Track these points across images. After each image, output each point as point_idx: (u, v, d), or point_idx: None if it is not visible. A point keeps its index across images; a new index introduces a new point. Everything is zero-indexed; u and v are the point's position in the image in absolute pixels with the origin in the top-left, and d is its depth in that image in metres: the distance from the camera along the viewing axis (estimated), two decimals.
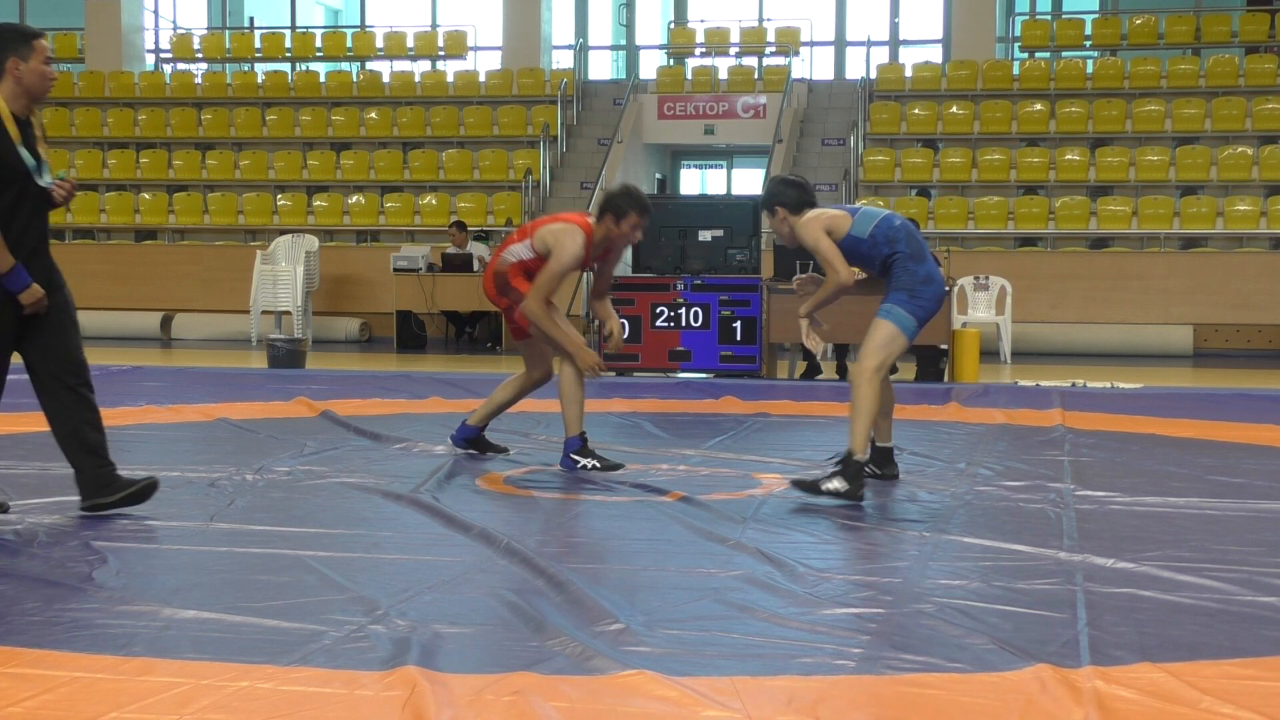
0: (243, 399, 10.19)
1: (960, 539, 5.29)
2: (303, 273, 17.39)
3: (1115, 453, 7.79)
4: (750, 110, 21.21)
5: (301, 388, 11.00)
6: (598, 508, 6.01)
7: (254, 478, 6.58)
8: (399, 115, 21.61)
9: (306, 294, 17.47)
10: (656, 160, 22.92)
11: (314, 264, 17.64)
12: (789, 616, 4.10)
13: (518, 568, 4.67)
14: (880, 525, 5.58)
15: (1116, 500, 6.19)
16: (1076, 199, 18.36)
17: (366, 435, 8.18)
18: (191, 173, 21.27)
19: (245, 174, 21.15)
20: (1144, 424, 9.12)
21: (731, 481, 6.71)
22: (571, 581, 4.42)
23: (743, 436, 8.54)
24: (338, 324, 18.33)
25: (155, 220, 20.69)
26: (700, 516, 5.67)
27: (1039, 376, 12.65)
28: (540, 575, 4.53)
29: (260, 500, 6.02)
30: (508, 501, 6.14)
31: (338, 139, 21.63)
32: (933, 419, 9.50)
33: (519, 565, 4.70)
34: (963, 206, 18.66)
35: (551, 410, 8.48)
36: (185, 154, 21.45)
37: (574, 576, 4.50)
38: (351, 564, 4.74)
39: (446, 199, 20.05)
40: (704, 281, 12.68)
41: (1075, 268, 17.29)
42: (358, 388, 11.22)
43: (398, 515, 5.77)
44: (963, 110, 19.97)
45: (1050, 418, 9.35)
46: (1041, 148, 19.36)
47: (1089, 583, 4.53)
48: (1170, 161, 18.74)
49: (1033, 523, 5.64)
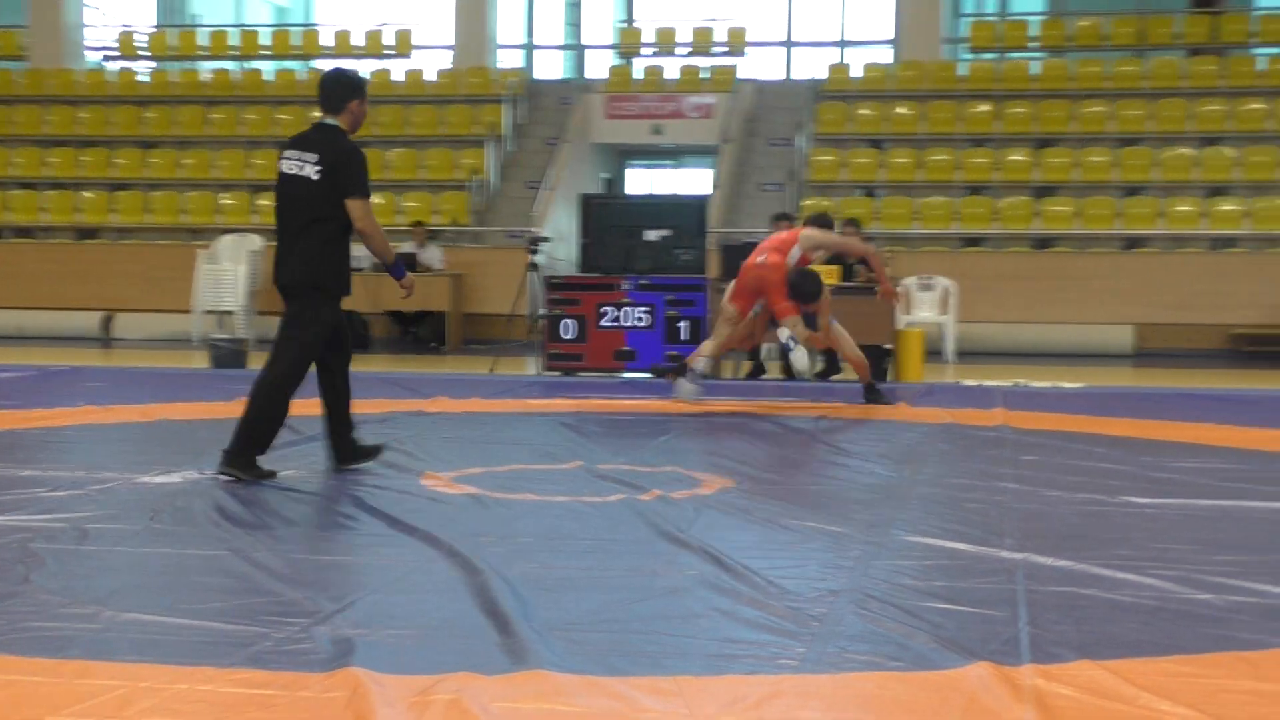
0: (184, 399, 10.11)
1: (903, 537, 5.32)
2: (246, 272, 17.27)
3: (1057, 452, 7.84)
4: (698, 110, 21.24)
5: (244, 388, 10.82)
6: (544, 508, 6.01)
7: (195, 478, 6.53)
8: None
9: (250, 293, 17.35)
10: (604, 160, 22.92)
11: (257, 263, 17.52)
12: (733, 615, 4.12)
13: (462, 569, 4.66)
14: (824, 524, 5.60)
15: (1058, 499, 6.23)
16: (1021, 199, 18.50)
17: (309, 435, 8.14)
18: (133, 171, 21.07)
19: (188, 173, 20.98)
20: (1085, 423, 9.19)
21: (676, 481, 6.72)
22: (516, 582, 4.43)
23: (687, 436, 8.55)
24: None
25: (96, 219, 20.49)
26: (645, 516, 5.68)
27: (983, 376, 12.74)
28: (484, 576, 4.52)
29: (200, 501, 5.98)
30: (453, 501, 6.13)
31: (283, 137, 21.44)
32: (876, 418, 9.54)
33: (463, 566, 4.69)
34: (908, 206, 18.77)
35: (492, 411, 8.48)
36: (127, 152, 21.25)
37: (518, 577, 4.51)
38: (293, 565, 4.72)
39: (391, 198, 19.95)
40: (650, 281, 12.68)
41: (1019, 268, 17.42)
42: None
43: (340, 516, 5.75)
44: (910, 110, 20.08)
45: (993, 417, 9.41)
46: (987, 148, 19.50)
47: (1030, 581, 4.57)
48: (1113, 162, 18.91)
49: (975, 521, 5.67)
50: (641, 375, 12.70)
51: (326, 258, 6.69)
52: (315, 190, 6.61)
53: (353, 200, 6.62)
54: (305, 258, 6.65)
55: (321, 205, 6.61)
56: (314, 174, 6.61)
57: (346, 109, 6.75)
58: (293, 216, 6.68)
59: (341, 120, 6.76)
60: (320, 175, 6.60)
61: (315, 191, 6.61)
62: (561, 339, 12.74)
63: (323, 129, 6.78)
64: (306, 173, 6.63)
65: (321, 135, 6.74)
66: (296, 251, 6.66)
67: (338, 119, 6.77)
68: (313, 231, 6.64)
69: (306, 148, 6.70)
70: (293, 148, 6.76)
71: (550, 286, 12.94)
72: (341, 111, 6.76)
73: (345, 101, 6.76)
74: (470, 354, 16.19)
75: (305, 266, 6.66)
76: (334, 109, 6.77)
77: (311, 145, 6.71)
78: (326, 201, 6.60)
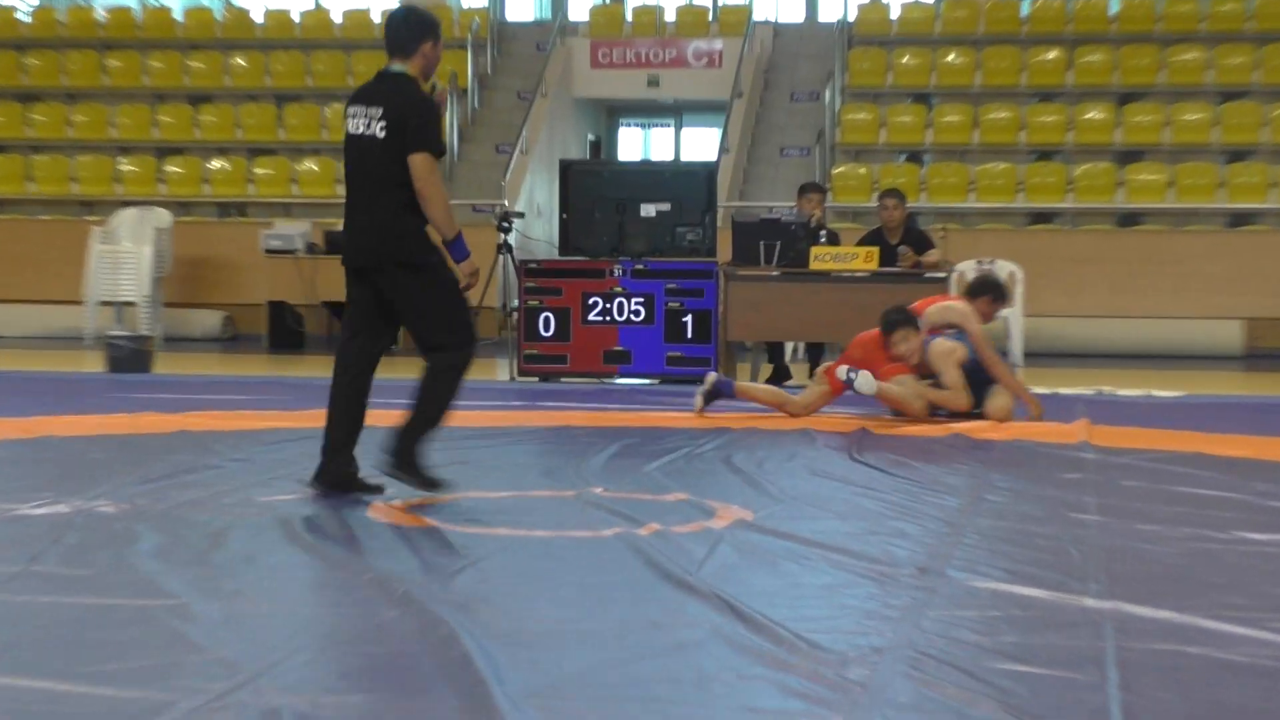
0: (75, 410, 10.09)
1: (962, 581, 5.30)
2: (151, 254, 17.27)
3: (1151, 476, 7.83)
4: (703, 58, 21.28)
5: (149, 396, 10.89)
6: (519, 544, 5.98)
7: (88, 508, 6.49)
8: (272, 61, 21.49)
9: (155, 281, 17.35)
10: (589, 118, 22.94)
11: (165, 244, 17.51)
12: (753, 678, 4.08)
13: (418, 620, 4.64)
14: (865, 565, 5.57)
15: (1153, 534, 6.21)
16: (1100, 165, 18.52)
17: (231, 457, 8.10)
18: (12, 130, 21.07)
19: (80, 132, 20.98)
20: (1185, 440, 9.18)
21: (683, 511, 6.68)
22: (484, 636, 4.40)
23: (696, 456, 8.53)
24: (194, 318, 18.21)
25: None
26: (645, 555, 5.65)
27: (1057, 383, 12.73)
28: (446, 628, 4.49)
29: (96, 538, 5.93)
30: (408, 536, 6.09)
31: (196, 90, 21.49)
32: (927, 434, 9.52)
33: (419, 617, 4.67)
34: (962, 175, 18.77)
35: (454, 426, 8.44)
36: (4, 106, 21.24)
37: (487, 630, 4.47)
38: (210, 617, 4.69)
39: (330, 164, 19.96)
40: (647, 266, 12.67)
41: (1099, 249, 17.43)
42: (220, 397, 11.13)
43: (268, 556, 5.73)
44: (962, 58, 20.09)
45: (1072, 432, 9.40)
46: (1057, 104, 19.50)
47: (1121, 636, 4.54)
48: (1213, 120, 18.92)
49: (1051, 561, 5.64)
50: (641, 382, 12.68)
51: (409, 229, 6.88)
52: (385, 151, 6.84)
53: (416, 154, 6.80)
54: (384, 232, 6.87)
55: (394, 168, 6.83)
56: (380, 131, 6.84)
57: (418, 52, 6.96)
58: (363, 183, 6.93)
59: (412, 66, 6.97)
60: (387, 133, 6.83)
61: (385, 152, 6.84)
62: (540, 337, 12.72)
63: (390, 78, 6.99)
64: (373, 130, 6.87)
65: (388, 86, 6.96)
66: (373, 225, 6.89)
67: (407, 65, 6.96)
68: (387, 199, 6.86)
69: (372, 101, 6.92)
70: (357, 102, 6.99)
71: (525, 273, 12.93)
72: (413, 55, 6.96)
73: (417, 44, 6.96)
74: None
75: (385, 243, 6.88)
76: (403, 53, 6.97)
77: (377, 98, 6.93)
78: (399, 163, 6.82)
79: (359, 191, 6.96)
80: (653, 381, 12.77)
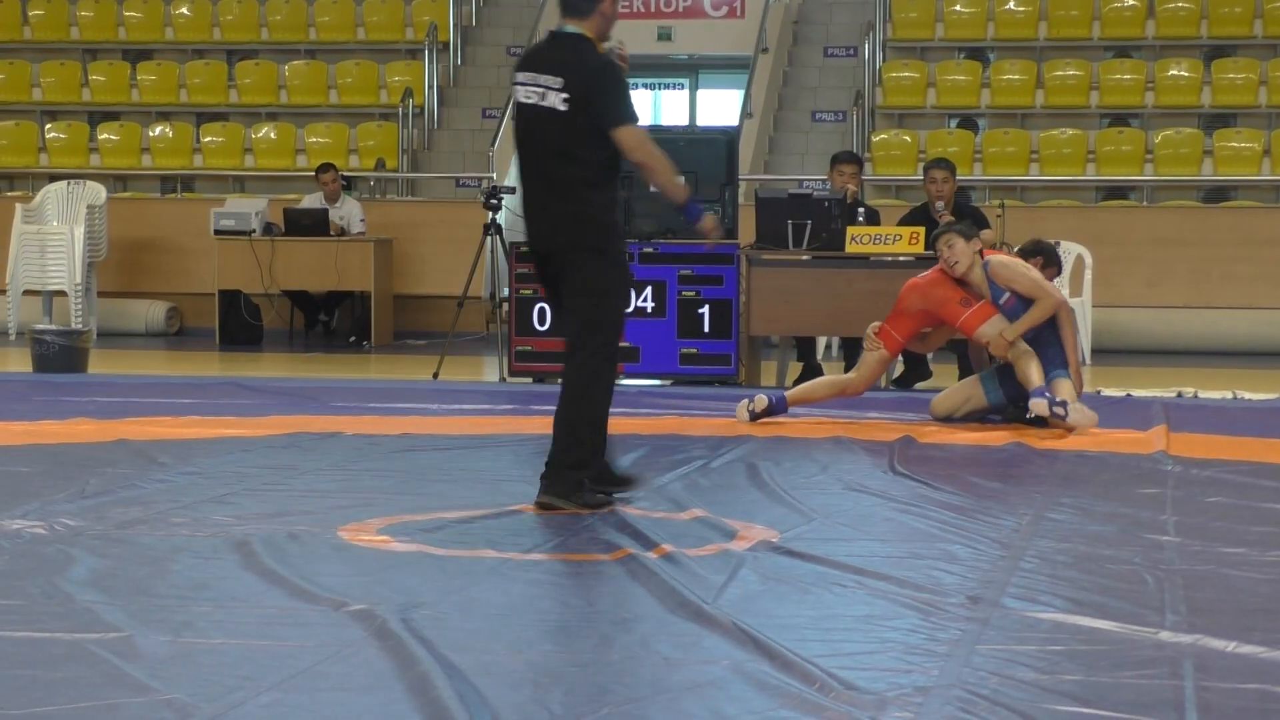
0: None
1: (1020, 612, 5.32)
2: (84, 236, 17.24)
3: (1237, 491, 7.83)
4: (723, 6, 21.24)
5: (83, 400, 10.90)
6: (510, 569, 5.99)
7: (14, 530, 6.52)
8: (221, 12, 21.48)
9: (89, 266, 17.33)
10: None
11: (100, 223, 17.49)
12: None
13: (393, 656, 4.66)
14: (908, 593, 5.60)
15: (1239, 558, 6.22)
16: (1185, 132, 18.49)
17: (178, 470, 8.12)
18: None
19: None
20: (1277, 450, 9.19)
21: (699, 531, 6.71)
22: (469, 674, 4.42)
23: (716, 469, 8.55)
24: (134, 309, 18.17)
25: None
26: (656, 581, 5.67)
27: (1131, 383, 12.73)
28: (423, 667, 4.52)
29: (24, 564, 5.96)
30: (383, 560, 6.12)
31: (133, 44, 21.49)
32: (980, 441, 9.54)
33: (394, 652, 4.69)
34: (1023, 143, 18.76)
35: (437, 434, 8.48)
36: None
37: (472, 667, 4.50)
38: (156, 653, 4.71)
39: (291, 131, 19.96)
40: (657, 250, 12.67)
41: (1183, 229, 17.39)
42: (165, 400, 11.13)
43: (224, 581, 5.74)
44: (1024, 6, 20.07)
45: (1148, 441, 9.40)
46: (1135, 60, 19.48)
47: (1202, 675, 4.57)
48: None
49: (1122, 590, 5.66)
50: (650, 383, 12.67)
51: (592, 212, 7.04)
52: (565, 124, 6.99)
53: (620, 129, 6.96)
54: (564, 214, 7.05)
55: (575, 143, 6.99)
56: (561, 103, 7.00)
57: (596, 11, 7.12)
58: (540, 160, 7.09)
59: (588, 27, 7.11)
60: (569, 105, 6.97)
61: (566, 126, 6.99)
62: (533, 331, 12.72)
63: (564, 41, 7.13)
64: (550, 102, 7.02)
65: (565, 51, 7.11)
66: (552, 206, 7.07)
67: (582, 25, 7.09)
68: (568, 178, 7.02)
69: (546, 68, 7.08)
70: (527, 69, 7.15)
71: (517, 257, 12.92)
72: (590, 15, 7.12)
73: (596, 2, 7.09)
74: (404, 352, 16.20)
75: (566, 226, 7.06)
76: (579, 13, 7.12)
77: (552, 65, 7.08)
78: (581, 138, 6.97)
79: (534, 168, 7.14)
80: (664, 382, 12.75)
